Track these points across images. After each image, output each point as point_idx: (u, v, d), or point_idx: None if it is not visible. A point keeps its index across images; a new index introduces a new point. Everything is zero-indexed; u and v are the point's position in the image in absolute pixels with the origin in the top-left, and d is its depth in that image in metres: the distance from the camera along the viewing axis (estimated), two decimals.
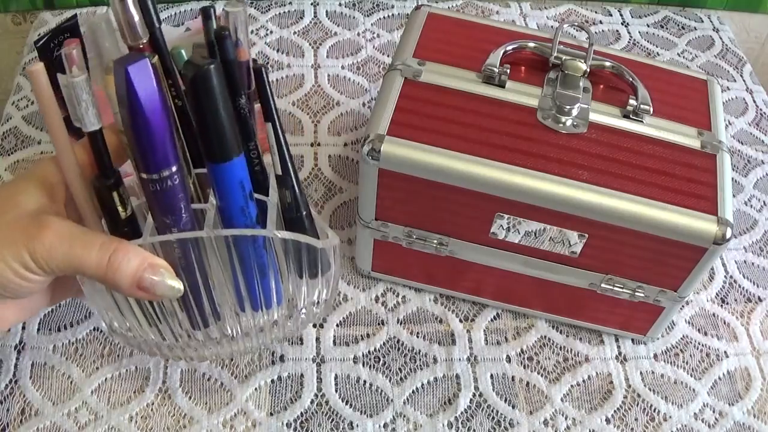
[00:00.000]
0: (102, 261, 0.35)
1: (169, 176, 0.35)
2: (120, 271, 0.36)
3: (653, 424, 0.60)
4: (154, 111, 0.32)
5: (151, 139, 0.33)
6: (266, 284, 0.42)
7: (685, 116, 0.58)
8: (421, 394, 0.60)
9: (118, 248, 0.36)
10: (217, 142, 0.35)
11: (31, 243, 0.35)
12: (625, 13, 0.97)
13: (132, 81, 0.31)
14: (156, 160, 0.34)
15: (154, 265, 0.37)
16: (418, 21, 0.63)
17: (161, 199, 0.35)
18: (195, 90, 0.34)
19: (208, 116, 0.34)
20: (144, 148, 0.33)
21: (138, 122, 0.32)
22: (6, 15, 0.93)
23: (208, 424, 0.57)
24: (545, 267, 0.59)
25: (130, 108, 0.32)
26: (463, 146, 0.53)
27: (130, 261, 0.36)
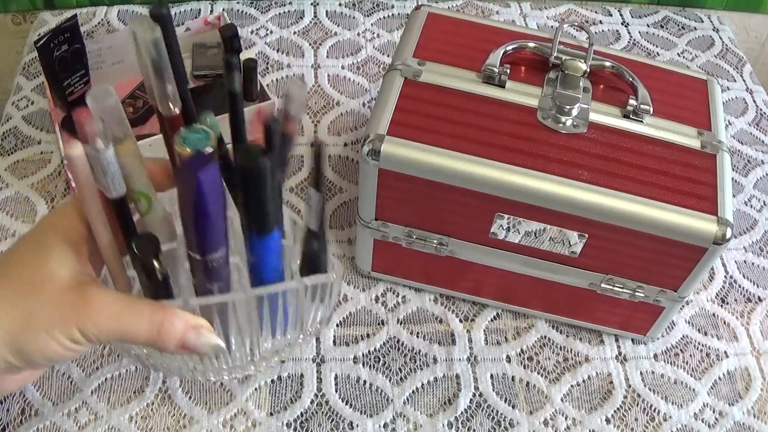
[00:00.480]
0: (152, 332, 0.37)
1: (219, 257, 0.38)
2: (167, 336, 0.38)
3: (653, 424, 0.60)
4: (217, 213, 0.35)
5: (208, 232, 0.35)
6: (286, 317, 0.45)
7: (685, 116, 0.58)
8: (421, 394, 0.60)
9: (165, 318, 0.38)
10: (261, 221, 0.38)
11: (82, 322, 0.36)
12: (625, 13, 0.97)
13: (202, 186, 0.32)
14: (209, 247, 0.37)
15: (196, 327, 0.39)
16: (418, 21, 0.63)
17: (207, 273, 0.38)
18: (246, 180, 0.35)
19: (256, 202, 0.36)
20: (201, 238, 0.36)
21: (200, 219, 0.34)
22: (6, 15, 0.93)
23: (208, 424, 0.57)
24: (545, 267, 0.59)
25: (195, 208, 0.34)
26: (463, 146, 0.53)
27: (175, 325, 0.38)
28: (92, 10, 0.89)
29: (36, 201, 0.70)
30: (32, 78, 0.81)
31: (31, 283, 0.37)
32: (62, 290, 0.37)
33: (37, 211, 0.69)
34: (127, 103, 0.76)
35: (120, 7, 0.90)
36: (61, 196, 0.70)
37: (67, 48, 0.70)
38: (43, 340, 0.36)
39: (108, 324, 0.37)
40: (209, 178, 0.32)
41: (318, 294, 0.43)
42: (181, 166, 0.34)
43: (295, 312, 0.44)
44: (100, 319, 0.37)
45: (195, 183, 0.32)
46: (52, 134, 0.75)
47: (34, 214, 0.69)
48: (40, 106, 0.78)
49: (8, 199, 0.70)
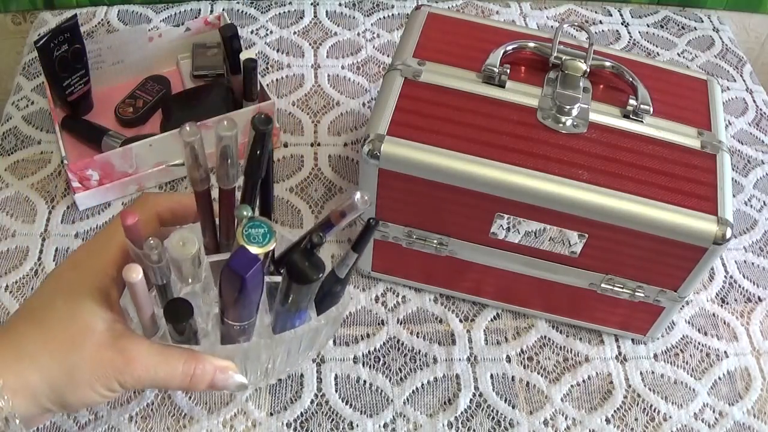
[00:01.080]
0: (186, 379, 0.41)
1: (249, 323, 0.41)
2: (199, 381, 0.41)
3: (653, 424, 0.60)
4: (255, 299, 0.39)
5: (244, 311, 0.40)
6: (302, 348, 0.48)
7: (685, 116, 0.58)
8: (421, 394, 0.60)
9: (197, 365, 0.41)
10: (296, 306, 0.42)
11: (120, 375, 0.39)
12: (625, 13, 0.97)
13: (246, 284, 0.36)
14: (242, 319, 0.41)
15: (224, 369, 0.42)
16: (418, 21, 0.63)
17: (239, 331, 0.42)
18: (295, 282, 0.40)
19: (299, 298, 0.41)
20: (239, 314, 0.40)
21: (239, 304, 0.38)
22: (6, 15, 0.93)
23: (208, 424, 0.57)
24: (545, 267, 0.59)
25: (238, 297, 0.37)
26: (463, 146, 0.53)
27: (207, 370, 0.41)
28: (92, 10, 0.89)
29: (36, 201, 0.70)
30: (32, 78, 0.81)
31: (68, 337, 0.39)
32: (100, 345, 0.39)
33: (36, 211, 0.69)
34: (127, 103, 0.76)
35: (120, 7, 0.90)
36: (61, 196, 0.70)
37: (67, 48, 0.70)
38: (83, 393, 0.39)
39: (145, 376, 0.40)
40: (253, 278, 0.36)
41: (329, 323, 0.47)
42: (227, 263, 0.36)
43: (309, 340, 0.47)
44: (138, 372, 0.39)
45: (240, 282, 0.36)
46: (52, 134, 0.75)
47: (34, 214, 0.69)
48: (40, 106, 0.78)
49: (8, 199, 0.70)
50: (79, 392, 0.39)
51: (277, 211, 0.71)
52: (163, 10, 0.90)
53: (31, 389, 0.38)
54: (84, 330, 0.39)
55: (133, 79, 0.78)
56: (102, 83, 0.77)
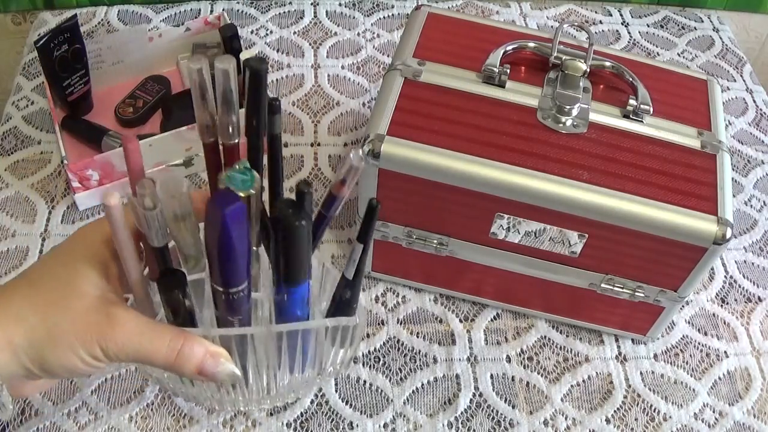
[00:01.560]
0: (171, 355, 0.39)
1: (241, 290, 0.39)
2: (186, 361, 0.39)
3: (653, 424, 0.60)
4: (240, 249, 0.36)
5: (231, 267, 0.37)
6: (305, 355, 0.46)
7: (685, 116, 0.58)
8: (421, 394, 0.60)
9: (185, 343, 0.39)
10: (294, 274, 0.40)
11: (103, 340, 0.37)
12: (625, 13, 0.97)
13: (227, 224, 0.34)
14: (233, 281, 0.38)
15: (215, 354, 0.40)
16: (418, 21, 0.63)
17: (229, 305, 0.39)
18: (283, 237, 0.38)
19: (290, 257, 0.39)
20: (226, 272, 0.37)
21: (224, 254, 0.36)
22: (6, 15, 0.93)
23: (208, 424, 0.57)
24: (545, 267, 0.59)
25: (221, 245, 0.35)
26: (463, 146, 0.53)
27: (195, 351, 0.39)
28: (92, 10, 0.89)
29: (36, 201, 0.70)
30: (32, 78, 0.81)
31: (59, 297, 0.38)
32: (88, 308, 0.38)
33: (37, 211, 0.69)
34: (127, 103, 0.76)
35: (120, 7, 0.90)
36: (61, 196, 0.70)
37: (67, 48, 0.70)
38: (64, 354, 0.37)
39: (129, 344, 0.38)
40: (235, 216, 0.34)
41: (340, 336, 0.45)
42: (209, 202, 0.35)
43: (314, 351, 0.45)
44: (122, 339, 0.38)
45: (221, 219, 0.34)
46: (52, 134, 0.75)
47: (34, 214, 0.69)
48: (40, 106, 0.78)
49: (8, 199, 0.70)
50: (59, 352, 0.37)
51: None
52: (163, 10, 0.90)
53: (13, 345, 0.37)
54: (74, 292, 0.38)
55: (133, 79, 0.78)
56: (102, 83, 0.77)
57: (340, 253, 0.68)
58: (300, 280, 0.40)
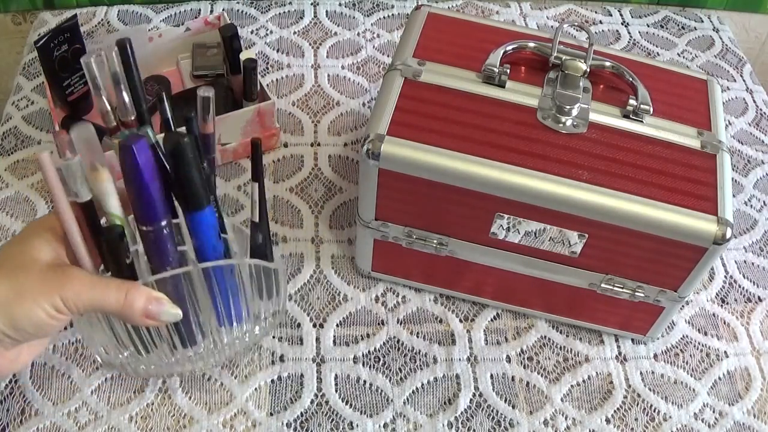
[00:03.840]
0: (119, 300, 0.44)
1: (163, 227, 0.45)
2: (133, 306, 0.45)
3: (653, 424, 0.60)
4: (151, 179, 0.42)
5: (149, 200, 0.43)
6: (236, 302, 0.51)
7: (685, 116, 0.58)
8: (421, 394, 0.60)
9: (130, 289, 0.45)
10: (193, 197, 0.45)
11: (62, 290, 0.43)
12: (625, 13, 0.97)
13: (136, 157, 0.40)
14: (153, 215, 0.44)
15: (157, 298, 0.46)
16: (418, 21, 0.63)
17: (156, 244, 0.45)
18: (174, 158, 0.43)
19: (185, 177, 0.44)
20: (144, 207, 0.43)
21: (139, 188, 0.42)
22: (6, 15, 0.93)
23: (208, 424, 0.57)
24: (545, 267, 0.59)
25: (134, 178, 0.41)
26: (463, 146, 0.53)
27: (140, 297, 0.45)
28: (92, 10, 0.89)
29: (36, 201, 0.70)
30: (32, 78, 0.81)
31: (17, 266, 0.44)
32: (45, 269, 0.44)
33: (37, 211, 0.69)
34: None
35: (120, 7, 0.90)
36: None
37: (67, 48, 0.70)
38: (30, 308, 0.43)
39: (83, 294, 0.43)
40: (142, 150, 0.40)
41: (264, 284, 0.50)
42: (120, 145, 0.41)
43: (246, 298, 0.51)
44: (77, 289, 0.43)
45: (131, 155, 0.40)
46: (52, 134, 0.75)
47: (34, 214, 0.69)
48: (40, 106, 0.78)
49: (8, 199, 0.70)
50: (26, 306, 0.43)
51: (277, 211, 0.71)
52: (163, 10, 0.90)
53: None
54: (32, 260, 0.44)
55: None
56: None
57: (340, 253, 0.68)
58: (199, 203, 0.45)
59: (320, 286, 0.66)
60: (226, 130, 0.70)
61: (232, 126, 0.71)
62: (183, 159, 0.43)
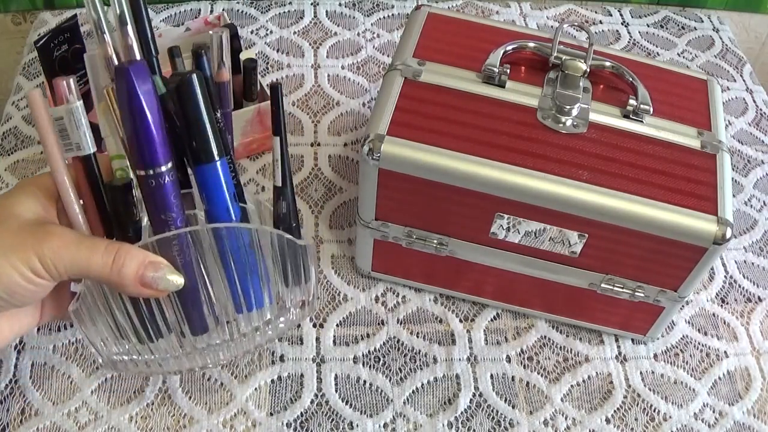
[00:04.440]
0: (107, 262, 0.37)
1: (164, 173, 0.37)
2: (124, 269, 0.38)
3: (653, 424, 0.60)
4: (151, 108, 0.35)
5: (148, 134, 0.36)
6: (256, 282, 0.43)
7: (685, 116, 0.58)
8: (421, 394, 0.60)
9: (120, 249, 0.38)
10: (202, 145, 0.38)
11: (39, 247, 0.36)
12: (625, 13, 0.97)
13: (133, 80, 0.34)
14: (152, 156, 0.37)
15: (154, 262, 0.38)
16: (418, 21, 0.63)
17: (157, 195, 0.38)
18: (180, 96, 0.37)
19: (193, 120, 0.37)
20: (141, 144, 0.36)
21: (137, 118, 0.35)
22: (6, 15, 0.93)
23: (208, 424, 0.57)
24: (545, 267, 0.59)
25: (130, 105, 0.35)
26: (463, 146, 0.53)
27: (133, 259, 0.38)
28: None
29: None
30: (32, 78, 0.81)
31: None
32: (23, 225, 0.37)
33: None
34: None
35: None
36: None
37: (67, 48, 0.70)
38: (4, 271, 0.36)
39: (65, 253, 0.37)
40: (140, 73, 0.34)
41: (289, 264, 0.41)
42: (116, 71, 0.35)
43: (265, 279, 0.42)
44: (58, 247, 0.37)
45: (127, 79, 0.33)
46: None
47: None
48: None
49: None
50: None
51: None
52: (163, 10, 0.90)
53: None
54: (11, 215, 0.38)
55: None
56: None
57: (340, 253, 0.68)
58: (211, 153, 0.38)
59: (320, 286, 0.66)
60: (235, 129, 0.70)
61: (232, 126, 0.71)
62: (190, 98, 0.36)
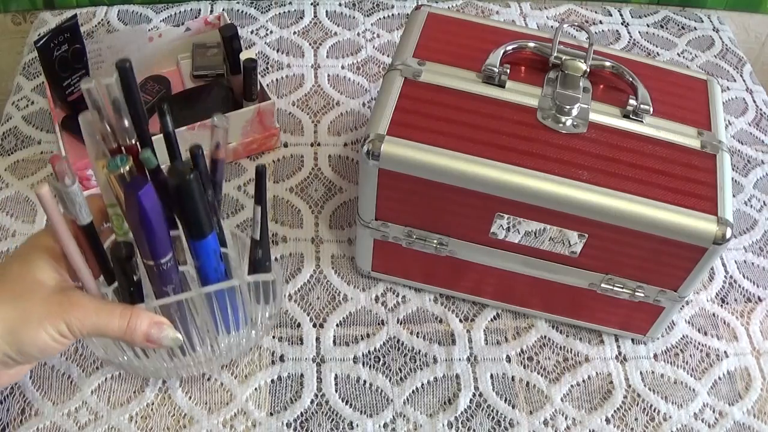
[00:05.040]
0: (122, 326, 0.45)
1: (167, 261, 0.46)
2: (135, 331, 0.46)
3: (653, 424, 0.60)
4: (157, 222, 0.43)
5: (155, 240, 0.44)
6: (236, 313, 0.52)
7: (685, 116, 0.58)
8: (421, 394, 0.60)
9: (132, 314, 0.45)
10: (197, 229, 0.46)
11: (67, 316, 0.44)
12: (625, 13, 0.97)
13: (142, 203, 0.41)
14: (158, 252, 0.45)
15: (159, 323, 0.46)
16: (418, 21, 0.63)
17: (161, 276, 0.46)
18: (179, 194, 0.43)
19: (189, 211, 0.44)
20: (150, 246, 0.44)
21: (146, 230, 0.43)
22: (6, 15, 0.93)
23: (208, 424, 0.57)
24: (545, 267, 0.59)
25: (141, 222, 0.42)
26: (463, 146, 0.53)
27: (142, 322, 0.46)
28: (92, 10, 0.89)
29: (36, 201, 0.70)
30: (32, 78, 0.82)
31: (23, 290, 0.44)
32: (50, 294, 0.44)
33: (36, 211, 0.69)
34: None
35: (120, 7, 0.90)
36: None
37: (67, 48, 0.70)
38: (35, 332, 0.43)
39: (88, 320, 0.44)
40: (148, 197, 0.41)
41: (262, 292, 0.51)
42: (125, 189, 0.42)
43: (243, 309, 0.51)
44: (82, 314, 0.44)
45: (137, 201, 0.40)
46: (52, 134, 0.75)
47: (34, 214, 0.69)
48: (40, 106, 0.78)
49: (8, 199, 0.70)
50: (32, 331, 0.43)
51: (277, 211, 0.71)
52: (163, 10, 0.90)
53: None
54: (35, 283, 0.44)
55: None
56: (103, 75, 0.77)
57: (340, 253, 0.68)
58: (204, 232, 0.46)
59: (320, 286, 0.66)
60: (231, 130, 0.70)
61: (232, 126, 0.71)
62: (188, 195, 0.43)
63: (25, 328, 0.43)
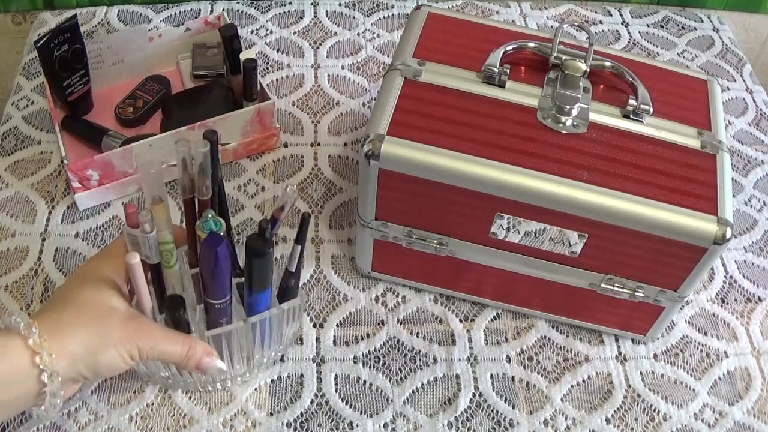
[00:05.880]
0: (182, 354, 0.50)
1: (225, 300, 0.51)
2: (191, 358, 0.51)
3: (653, 424, 0.60)
4: (226, 272, 0.49)
5: (222, 286, 0.50)
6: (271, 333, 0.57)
7: (685, 116, 0.58)
8: (421, 394, 0.60)
9: (192, 344, 0.51)
10: (260, 284, 0.51)
11: (139, 341, 0.48)
12: (625, 13, 0.97)
13: (218, 257, 0.47)
14: (222, 294, 0.50)
15: (210, 353, 0.52)
16: (418, 21, 0.63)
17: (218, 311, 0.52)
18: (253, 259, 0.49)
19: (259, 274, 0.51)
20: (216, 289, 0.50)
21: (216, 278, 0.49)
22: (6, 15, 0.93)
23: (208, 424, 0.57)
24: (545, 267, 0.59)
25: (214, 272, 0.48)
26: (463, 146, 0.53)
27: (197, 350, 0.51)
28: (92, 10, 0.89)
29: (36, 201, 0.70)
30: (32, 78, 0.81)
31: (98, 313, 0.48)
32: (124, 319, 0.49)
33: (37, 211, 0.69)
34: (127, 103, 0.76)
35: (120, 7, 0.90)
36: (61, 196, 0.70)
37: (67, 48, 0.70)
38: (111, 355, 0.47)
39: (156, 346, 0.49)
40: (223, 253, 0.47)
41: (290, 314, 0.56)
42: (203, 243, 0.47)
43: (277, 329, 0.57)
44: (151, 342, 0.49)
45: (214, 255, 0.47)
46: (52, 134, 0.75)
47: (34, 214, 0.69)
48: (40, 106, 0.78)
49: (8, 199, 0.70)
50: (109, 354, 0.47)
51: None
52: (163, 10, 0.90)
53: (71, 353, 0.46)
54: (110, 309, 0.49)
55: (133, 79, 0.78)
56: (102, 83, 0.77)
57: (340, 253, 0.68)
58: (267, 287, 0.52)
59: (320, 286, 0.66)
60: (226, 130, 0.70)
61: (232, 126, 0.71)
62: (262, 263, 0.50)
63: (104, 350, 0.47)
